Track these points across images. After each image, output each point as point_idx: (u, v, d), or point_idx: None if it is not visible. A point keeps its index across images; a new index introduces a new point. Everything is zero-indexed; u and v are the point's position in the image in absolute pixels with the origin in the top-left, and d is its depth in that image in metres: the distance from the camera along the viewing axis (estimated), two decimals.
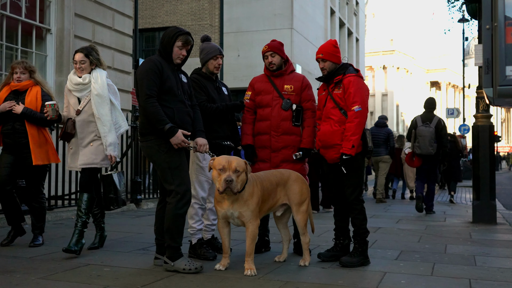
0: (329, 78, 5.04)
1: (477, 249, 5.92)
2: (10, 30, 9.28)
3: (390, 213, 10.05)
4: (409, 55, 73.47)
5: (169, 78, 4.47)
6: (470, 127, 10.78)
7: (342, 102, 4.92)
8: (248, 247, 4.39)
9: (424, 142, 9.48)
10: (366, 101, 4.93)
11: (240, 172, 4.22)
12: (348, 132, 4.80)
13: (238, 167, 4.21)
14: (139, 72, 4.44)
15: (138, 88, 4.46)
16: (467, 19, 28.80)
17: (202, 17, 22.57)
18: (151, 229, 6.82)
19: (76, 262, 4.71)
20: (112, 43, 11.23)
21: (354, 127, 4.79)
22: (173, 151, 4.40)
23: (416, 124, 9.76)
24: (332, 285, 4.11)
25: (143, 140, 4.52)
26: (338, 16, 31.63)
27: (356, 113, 4.80)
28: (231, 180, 4.14)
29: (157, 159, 4.46)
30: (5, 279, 4.04)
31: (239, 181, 4.23)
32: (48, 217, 7.46)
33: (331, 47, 5.07)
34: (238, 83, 20.65)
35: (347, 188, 4.96)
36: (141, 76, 4.40)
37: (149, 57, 4.59)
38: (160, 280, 4.10)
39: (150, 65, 4.44)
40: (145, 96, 4.35)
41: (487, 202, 8.64)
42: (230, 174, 4.17)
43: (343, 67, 5.03)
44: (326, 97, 5.06)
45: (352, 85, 4.86)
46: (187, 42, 4.56)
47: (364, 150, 4.95)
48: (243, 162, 4.29)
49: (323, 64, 5.03)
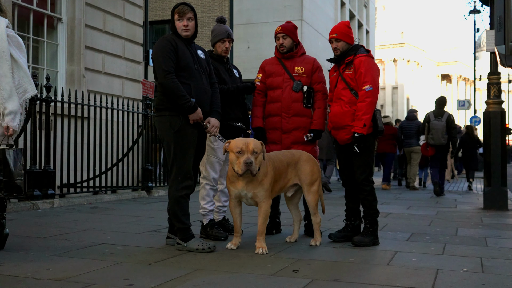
0: (340, 59, 5.04)
1: (488, 232, 5.91)
2: (22, 19, 9.34)
3: (400, 200, 10.05)
4: (419, 48, 73.01)
5: (185, 54, 4.46)
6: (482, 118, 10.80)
7: (353, 83, 4.93)
8: (260, 226, 4.41)
9: (437, 134, 11.15)
10: (377, 81, 4.94)
11: (258, 154, 4.24)
12: (360, 112, 4.81)
13: (255, 148, 4.23)
14: (154, 52, 4.44)
15: (155, 67, 4.44)
16: (478, 10, 28.60)
17: (212, 9, 22.56)
18: (162, 214, 6.90)
19: (89, 241, 4.76)
20: (123, 33, 11.27)
21: (366, 106, 4.79)
22: (183, 132, 4.40)
23: (429, 119, 11.35)
24: (344, 262, 4.13)
25: (158, 115, 4.53)
26: (348, 8, 31.51)
27: (367, 93, 4.80)
28: (250, 162, 4.16)
29: (166, 136, 4.48)
30: (20, 256, 4.09)
31: (257, 162, 4.25)
32: (61, 203, 7.56)
33: (344, 27, 5.06)
34: (248, 75, 20.50)
35: (357, 169, 4.97)
36: (156, 55, 4.41)
37: (162, 36, 4.59)
38: (172, 258, 4.14)
39: (164, 43, 4.44)
40: (164, 73, 4.34)
41: (498, 189, 8.61)
42: (249, 156, 4.19)
43: (354, 48, 5.03)
44: (337, 78, 5.07)
45: (362, 65, 4.86)
46: (183, 12, 4.49)
47: (375, 131, 4.95)
48: (259, 143, 4.31)
49: (337, 44, 5.03)
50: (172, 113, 4.41)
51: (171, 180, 4.45)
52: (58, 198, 7.67)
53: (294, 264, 3.99)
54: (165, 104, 4.44)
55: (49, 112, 7.66)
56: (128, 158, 9.56)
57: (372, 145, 5.02)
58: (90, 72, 10.25)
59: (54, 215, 6.57)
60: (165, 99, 4.44)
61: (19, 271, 3.60)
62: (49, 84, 7.63)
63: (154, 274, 3.60)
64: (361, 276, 3.70)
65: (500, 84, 8.88)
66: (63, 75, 9.86)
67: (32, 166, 7.34)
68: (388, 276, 3.69)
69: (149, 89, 13.73)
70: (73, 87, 9.67)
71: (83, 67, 10.00)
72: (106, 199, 8.58)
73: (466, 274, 3.77)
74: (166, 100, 4.43)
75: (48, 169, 7.54)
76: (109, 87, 10.75)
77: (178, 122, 4.39)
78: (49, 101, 7.62)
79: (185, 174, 4.43)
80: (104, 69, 10.64)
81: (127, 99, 10.83)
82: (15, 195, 4.66)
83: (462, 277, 3.68)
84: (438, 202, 9.65)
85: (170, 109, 4.41)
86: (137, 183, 10.13)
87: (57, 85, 9.59)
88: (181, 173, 4.42)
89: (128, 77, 11.42)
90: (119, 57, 11.13)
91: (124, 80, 11.29)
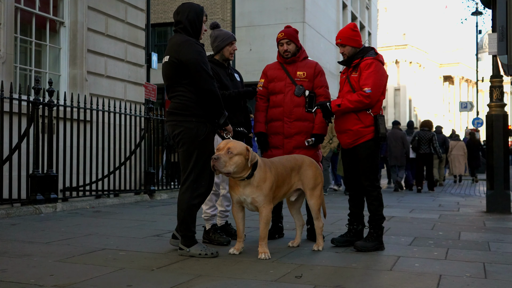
0: (349, 62, 5.03)
1: (491, 236, 5.90)
2: (24, 23, 9.36)
3: (403, 203, 10.04)
4: (422, 50, 72.92)
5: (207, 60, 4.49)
6: (484, 120, 10.84)
7: (357, 86, 4.89)
8: (261, 231, 4.41)
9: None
10: (380, 85, 4.86)
11: (233, 154, 4.18)
12: (349, 97, 4.82)
13: (232, 148, 4.18)
14: (190, 56, 4.29)
15: (199, 71, 4.30)
16: (480, 12, 28.58)
17: (214, 11, 22.58)
18: (165, 218, 6.92)
19: (91, 247, 4.76)
20: (125, 36, 11.29)
21: (354, 101, 4.78)
22: (207, 140, 4.40)
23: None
24: (346, 268, 4.13)
25: (182, 120, 4.37)
26: (350, 10, 31.51)
27: (365, 93, 4.76)
28: (216, 158, 4.13)
29: (188, 142, 4.37)
30: (23, 262, 4.09)
31: (232, 163, 4.17)
32: (63, 207, 7.56)
33: (349, 31, 5.03)
34: (250, 77, 20.62)
35: (361, 175, 4.95)
36: (195, 61, 4.29)
37: (184, 39, 4.40)
38: (175, 263, 4.14)
39: (198, 48, 4.37)
40: (211, 79, 4.34)
41: (501, 192, 8.60)
42: (219, 153, 4.17)
43: (363, 51, 5.00)
44: (345, 80, 5.05)
45: (366, 68, 4.83)
46: (206, 16, 4.59)
47: (376, 137, 4.91)
48: (241, 146, 4.25)
49: (343, 49, 5.02)
50: (200, 119, 4.37)
51: (186, 187, 4.40)
52: (60, 202, 7.67)
53: (297, 269, 3.99)
54: (193, 109, 4.36)
55: (51, 116, 7.67)
56: (130, 162, 9.57)
57: (375, 151, 4.98)
58: (93, 75, 10.27)
59: (57, 220, 6.58)
60: (193, 104, 4.36)
61: (22, 277, 3.60)
62: (51, 88, 7.64)
63: (157, 280, 3.61)
64: (364, 282, 3.70)
65: (503, 87, 8.87)
66: (65, 79, 9.87)
67: (35, 171, 7.34)
68: (391, 282, 3.69)
69: (151, 92, 13.74)
70: (76, 90, 9.69)
71: (86, 71, 10.02)
72: (109, 203, 8.59)
73: (469, 280, 3.77)
74: (194, 106, 4.36)
75: (50, 173, 7.55)
76: (111, 90, 10.77)
77: (205, 130, 4.38)
78: (51, 105, 7.63)
79: (201, 182, 4.41)
80: (106, 72, 10.67)
81: (129, 102, 10.85)
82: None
83: (465, 283, 3.68)
84: (441, 206, 9.64)
85: (198, 116, 4.36)
86: (140, 186, 10.14)
87: (60, 89, 9.61)
88: (198, 181, 4.39)
89: (130, 81, 11.44)
90: (121, 60, 11.15)
91: (126, 83, 11.31)
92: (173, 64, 4.38)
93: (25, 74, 9.49)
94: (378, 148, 5.02)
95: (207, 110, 4.39)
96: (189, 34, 4.46)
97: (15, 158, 7.31)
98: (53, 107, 7.67)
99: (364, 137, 4.90)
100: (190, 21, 4.46)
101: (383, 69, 4.98)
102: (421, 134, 13.38)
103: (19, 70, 9.17)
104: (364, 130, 4.90)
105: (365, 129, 4.90)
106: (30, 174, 7.33)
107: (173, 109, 4.45)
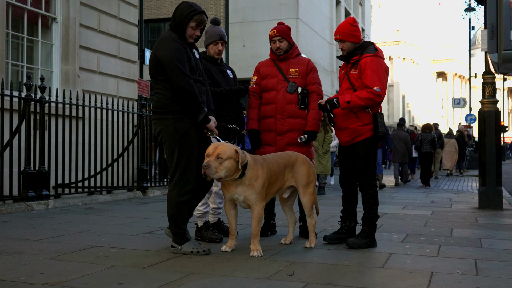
0: (348, 57, 5.00)
1: (483, 233, 5.92)
2: (16, 19, 9.29)
3: (396, 200, 10.06)
4: (415, 46, 73.10)
5: (190, 57, 4.40)
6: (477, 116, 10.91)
7: (357, 83, 4.86)
8: (253, 228, 4.41)
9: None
10: (384, 82, 4.84)
11: (223, 159, 4.16)
12: (359, 94, 4.76)
13: (221, 154, 4.16)
14: (168, 54, 4.26)
15: (172, 69, 4.27)
16: (473, 8, 28.66)
17: (208, 7, 22.53)
18: (157, 215, 6.90)
19: (83, 244, 4.74)
20: (118, 32, 11.23)
21: (365, 99, 4.73)
22: (187, 136, 4.35)
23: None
24: (338, 265, 4.13)
25: (159, 118, 4.39)
26: (344, 6, 31.52)
27: (375, 92, 4.72)
28: (206, 166, 4.12)
29: (168, 140, 4.37)
30: (14, 259, 4.07)
31: (222, 168, 4.16)
32: (55, 204, 7.53)
33: (348, 26, 4.96)
34: (244, 73, 20.57)
35: (358, 173, 4.95)
36: (171, 58, 4.25)
37: (166, 35, 4.38)
38: (167, 261, 4.13)
39: (176, 44, 4.30)
40: (186, 77, 4.25)
41: (493, 188, 8.63)
42: (209, 159, 4.15)
43: (362, 47, 4.94)
44: (344, 77, 5.02)
45: (368, 66, 4.78)
46: (202, 22, 4.44)
47: (375, 135, 4.89)
48: (230, 150, 4.21)
49: (342, 45, 4.97)
50: (177, 116, 4.34)
51: (173, 184, 4.39)
52: (53, 199, 7.64)
53: (289, 267, 3.99)
54: (168, 107, 4.35)
55: (43, 112, 7.63)
56: (123, 158, 9.53)
57: (373, 149, 4.96)
58: (85, 72, 10.21)
59: (49, 217, 6.56)
60: (168, 102, 4.34)
61: (13, 275, 3.59)
62: (43, 84, 7.60)
63: (148, 278, 3.60)
64: (356, 279, 3.70)
65: (495, 83, 8.90)
66: (57, 75, 9.81)
67: (27, 167, 7.31)
68: (383, 279, 3.69)
69: (145, 88, 13.69)
70: (68, 87, 9.64)
71: (78, 67, 9.96)
72: (101, 199, 8.56)
73: (461, 277, 3.78)
74: (169, 103, 4.34)
75: (42, 170, 7.51)
76: (104, 87, 10.71)
77: (183, 126, 4.34)
78: (43, 101, 7.58)
79: (187, 179, 4.39)
80: (99, 68, 10.61)
81: (122, 98, 10.80)
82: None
83: (456, 280, 3.69)
84: (434, 202, 9.67)
85: (174, 112, 4.34)
86: (133, 183, 10.11)
87: (52, 85, 9.55)
88: (183, 178, 4.37)
89: (123, 77, 11.39)
90: (114, 56, 11.10)
91: (119, 79, 11.26)
92: (151, 60, 4.41)
93: (17, 70, 9.43)
94: (376, 146, 5.01)
95: (184, 106, 4.35)
96: (174, 31, 4.43)
97: (6, 155, 7.27)
98: (45, 103, 7.63)
99: (363, 135, 4.89)
100: (175, 20, 4.44)
101: (384, 65, 4.94)
102: (423, 135, 15.22)
103: (10, 66, 9.10)
104: (363, 128, 4.88)
105: (364, 127, 4.88)
106: (22, 171, 7.29)
107: (153, 108, 4.51)
